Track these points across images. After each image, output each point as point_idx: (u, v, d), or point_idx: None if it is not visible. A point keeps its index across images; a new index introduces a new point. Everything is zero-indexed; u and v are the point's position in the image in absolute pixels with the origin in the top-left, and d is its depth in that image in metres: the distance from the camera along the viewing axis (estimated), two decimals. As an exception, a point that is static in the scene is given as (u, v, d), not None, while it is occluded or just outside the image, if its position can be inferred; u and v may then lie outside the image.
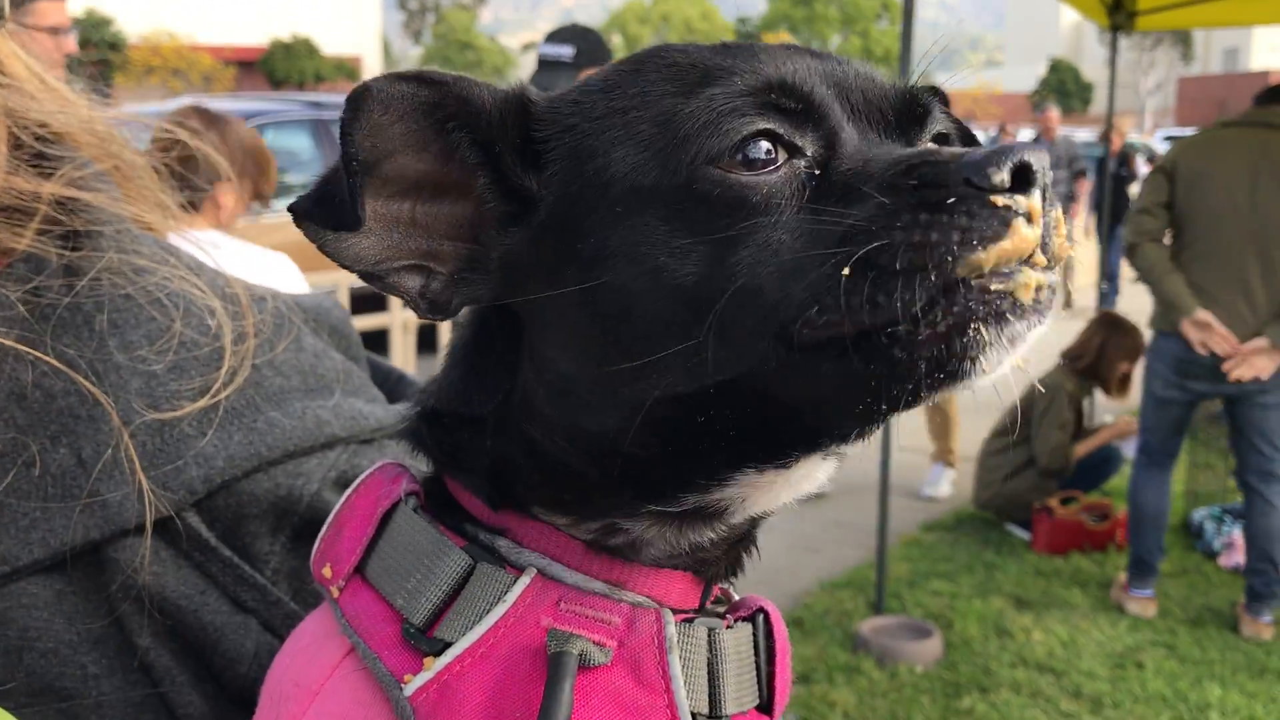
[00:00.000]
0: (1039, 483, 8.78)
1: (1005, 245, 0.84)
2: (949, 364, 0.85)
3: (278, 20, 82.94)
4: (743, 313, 0.90)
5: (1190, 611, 7.53)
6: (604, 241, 0.96)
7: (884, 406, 0.88)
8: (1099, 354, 9.04)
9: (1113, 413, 9.97)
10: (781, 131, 0.95)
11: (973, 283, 0.84)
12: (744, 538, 1.13)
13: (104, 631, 1.22)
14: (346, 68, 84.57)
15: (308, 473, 1.32)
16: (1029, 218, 0.85)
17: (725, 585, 1.17)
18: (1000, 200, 0.85)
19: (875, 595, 7.37)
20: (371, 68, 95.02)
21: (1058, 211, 0.89)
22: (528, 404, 1.05)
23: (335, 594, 1.10)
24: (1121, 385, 9.19)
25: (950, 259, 0.84)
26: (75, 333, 1.25)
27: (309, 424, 1.33)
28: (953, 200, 0.85)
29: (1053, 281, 0.88)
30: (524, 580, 1.02)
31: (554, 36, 6.63)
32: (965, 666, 6.71)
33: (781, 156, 0.95)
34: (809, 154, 0.96)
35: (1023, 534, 8.75)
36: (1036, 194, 0.86)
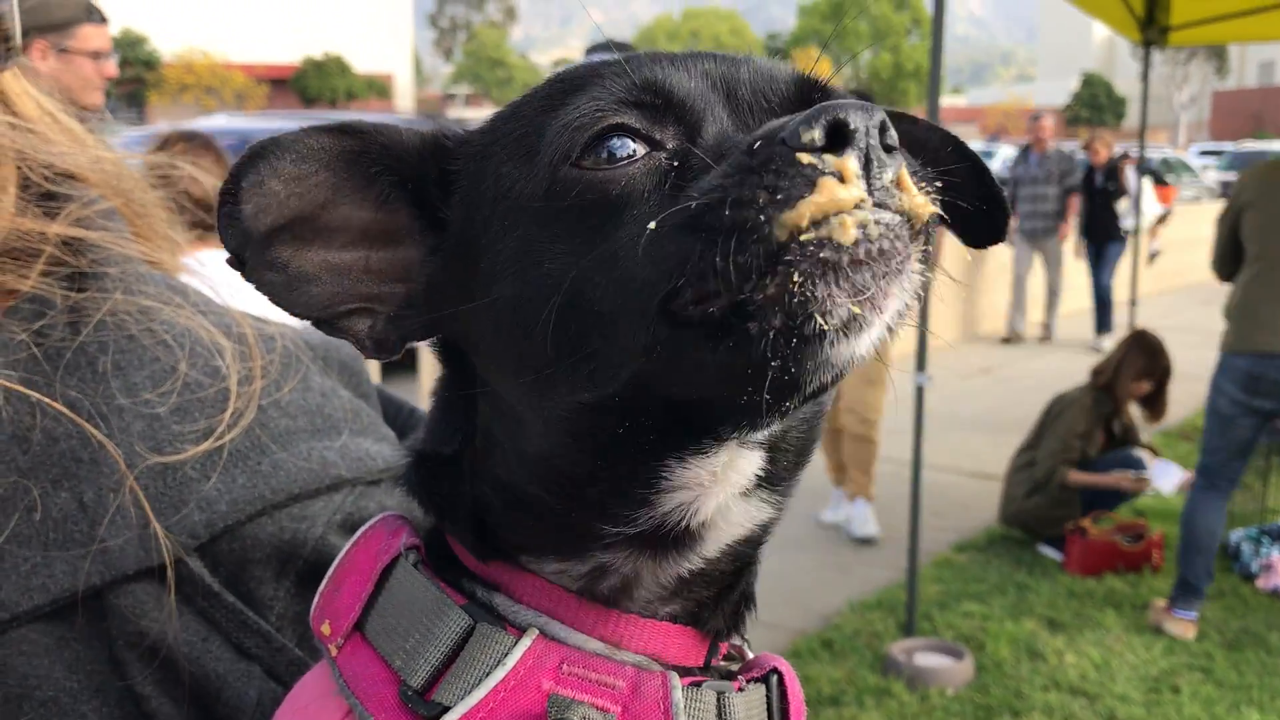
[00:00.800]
0: (1058, 497, 8.69)
1: (816, 201, 0.81)
2: (796, 326, 0.82)
3: (310, 38, 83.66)
4: (621, 304, 0.89)
5: (1227, 634, 7.42)
6: (497, 257, 0.99)
7: (770, 391, 0.86)
8: (1115, 371, 8.98)
9: (1148, 428, 9.86)
10: (639, 126, 0.95)
11: (792, 242, 0.82)
12: (733, 582, 1.09)
13: (105, 680, 1.19)
14: (378, 85, 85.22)
15: (313, 516, 1.30)
16: (841, 177, 0.82)
17: (739, 644, 1.14)
18: (806, 158, 0.82)
19: (906, 616, 7.30)
20: (403, 85, 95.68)
21: (901, 169, 0.86)
22: (488, 437, 1.06)
23: (334, 652, 1.07)
24: (1153, 407, 9.10)
25: (764, 218, 0.82)
26: (78, 375, 1.23)
27: (314, 465, 1.31)
28: (769, 161, 0.84)
29: (889, 221, 0.84)
30: (525, 642, 0.99)
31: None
32: (997, 689, 6.62)
33: (642, 150, 0.94)
34: (670, 146, 0.95)
35: (1055, 555, 8.65)
36: (851, 154, 0.83)
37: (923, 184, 0.88)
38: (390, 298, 1.08)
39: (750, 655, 1.15)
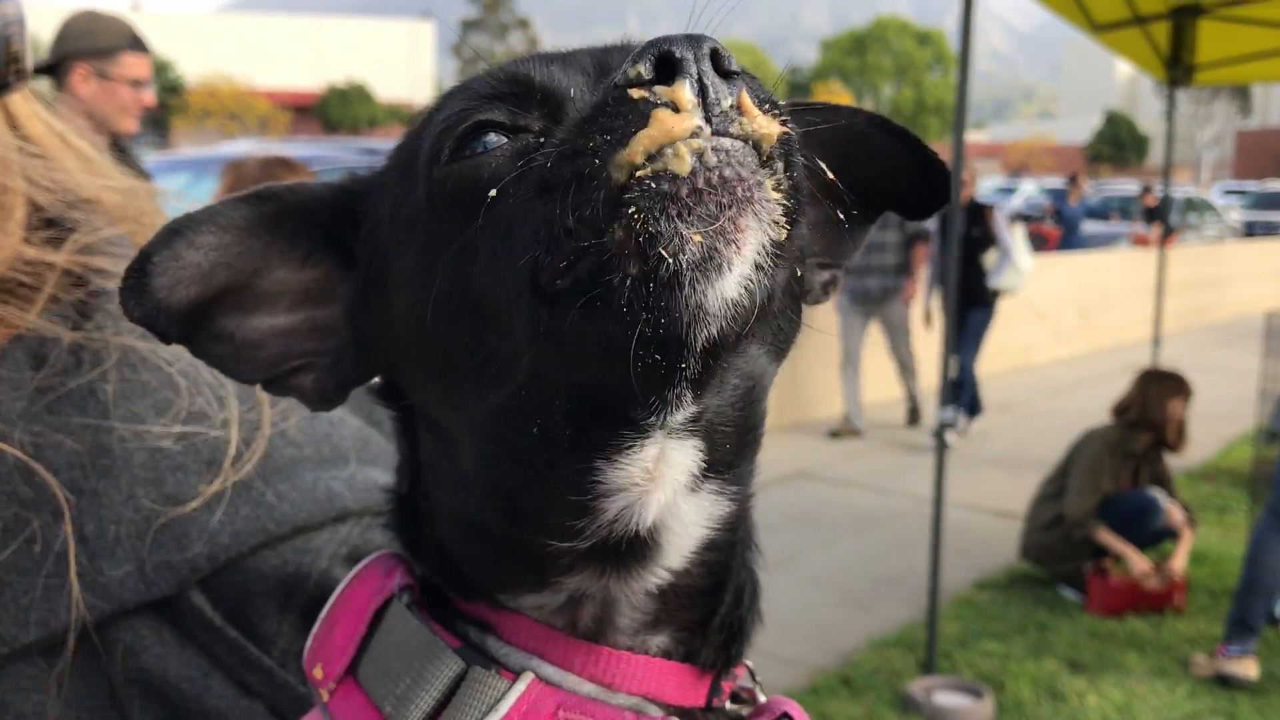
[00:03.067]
0: (1072, 534, 8.61)
1: (649, 133, 0.78)
2: (652, 268, 0.78)
3: (333, 66, 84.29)
4: (498, 290, 0.86)
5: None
6: (397, 274, 0.99)
7: (656, 354, 0.81)
8: (1145, 402, 8.87)
9: (1171, 469, 9.79)
10: (503, 119, 0.94)
11: (633, 182, 0.78)
12: (714, 605, 1.03)
13: (104, 717, 1.17)
14: (400, 113, 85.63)
15: (317, 548, 1.27)
16: (675, 107, 0.79)
17: (750, 686, 1.10)
18: (637, 93, 0.80)
19: (926, 654, 7.22)
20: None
21: (741, 93, 0.82)
22: (432, 468, 1.04)
23: (325, 698, 1.03)
24: (1178, 434, 9.01)
25: (599, 160, 0.79)
26: (80, 405, 1.22)
27: (320, 497, 1.28)
28: (602, 106, 0.82)
29: (729, 147, 0.79)
30: (519, 687, 0.95)
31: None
32: (1017, 731, 6.54)
33: (509, 139, 0.93)
34: (536, 128, 0.93)
35: (1075, 595, 8.57)
36: (684, 82, 0.80)
37: (768, 106, 0.84)
38: (330, 350, 1.09)
39: (763, 698, 1.10)
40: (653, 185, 0.77)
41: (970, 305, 13.25)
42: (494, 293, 0.86)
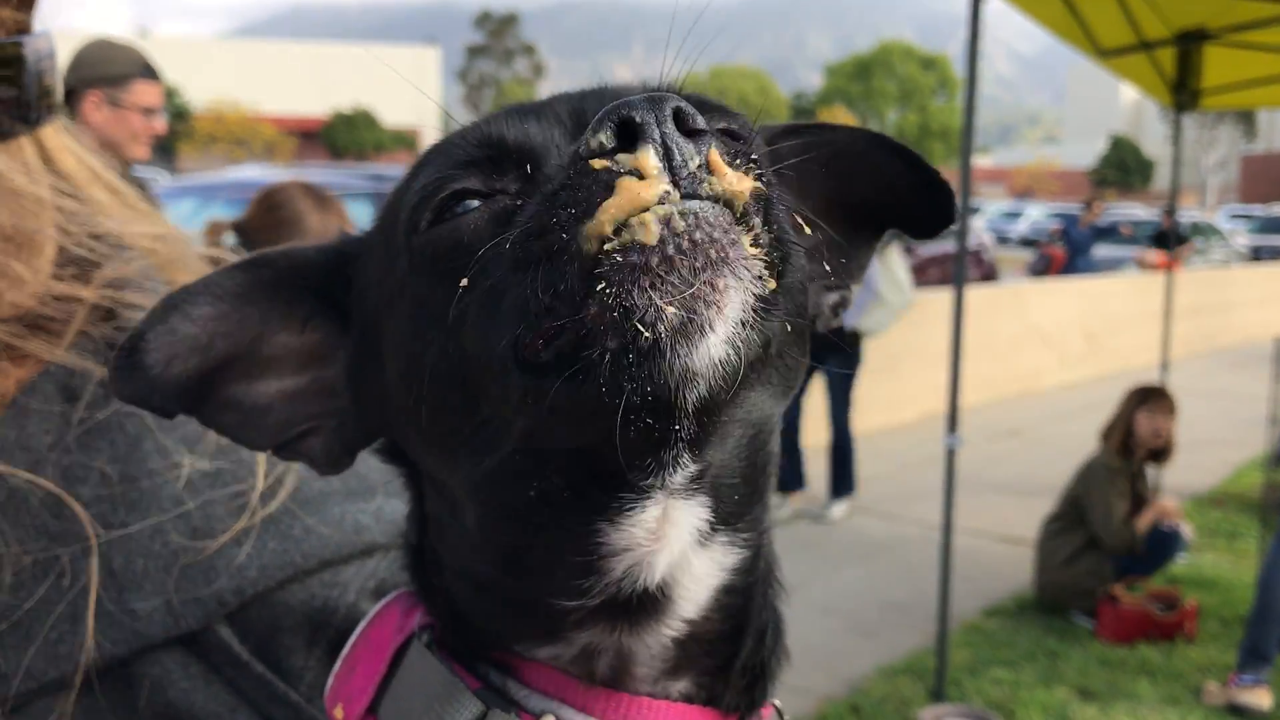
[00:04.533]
0: (1098, 566, 8.58)
1: (616, 203, 0.76)
2: (630, 341, 0.76)
3: (339, 91, 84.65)
4: (482, 361, 0.85)
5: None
6: (387, 341, 0.99)
7: (648, 419, 0.79)
8: (1131, 423, 8.89)
9: (1179, 494, 9.74)
10: (478, 185, 0.92)
11: (601, 253, 0.76)
12: (736, 649, 1.02)
13: None
14: (406, 139, 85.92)
15: (345, 582, 1.26)
16: (640, 174, 0.77)
17: None
18: (599, 163, 0.78)
19: (935, 682, 7.19)
20: (431, 140, 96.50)
21: (710, 152, 0.80)
22: (438, 523, 1.03)
23: None
24: (1167, 448, 9.00)
25: (567, 236, 0.77)
26: (109, 439, 1.22)
27: (348, 530, 1.28)
28: (567, 179, 0.80)
29: (698, 209, 0.77)
30: None
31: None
32: (1029, 760, 6.49)
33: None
34: (512, 190, 0.92)
35: (1086, 622, 8.53)
36: (647, 149, 0.78)
37: (738, 162, 0.82)
38: (333, 412, 1.09)
39: None
40: (621, 258, 0.75)
41: (823, 350, 12.30)
42: (480, 361, 0.85)
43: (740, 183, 0.80)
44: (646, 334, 0.75)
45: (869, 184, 1.10)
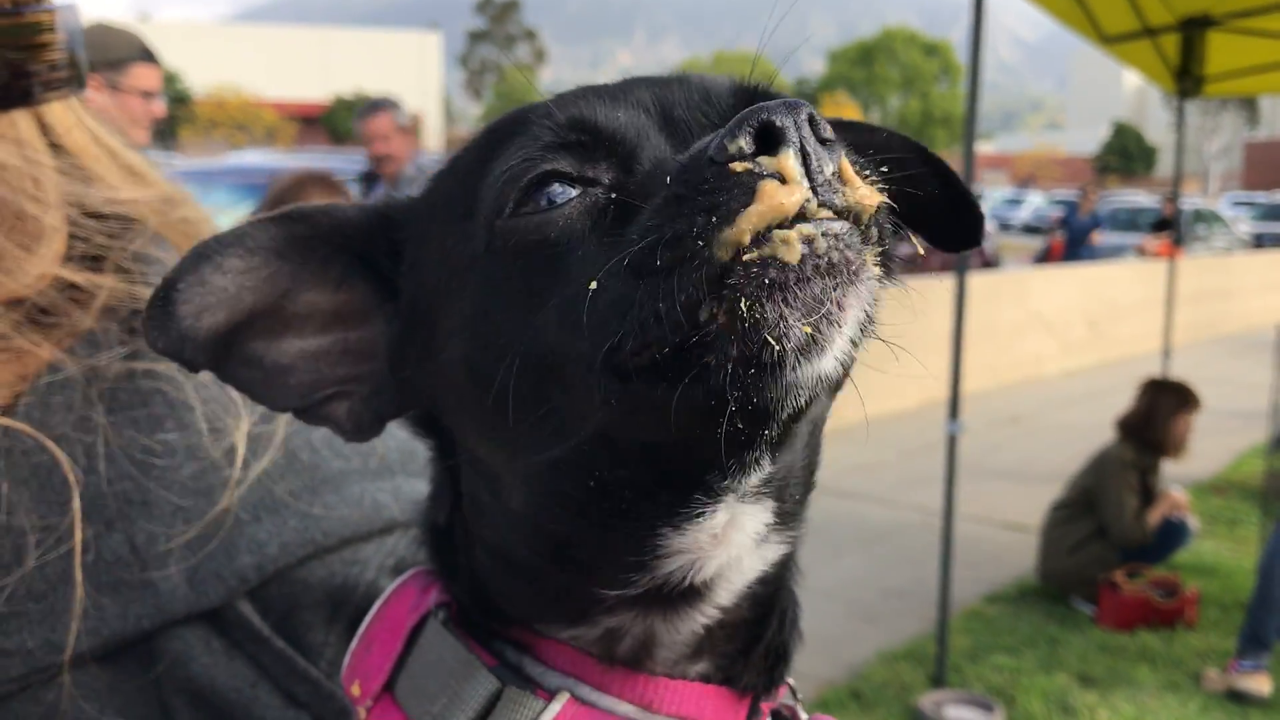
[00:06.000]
0: (1103, 555, 8.57)
1: (757, 210, 0.76)
2: (755, 353, 0.77)
3: (340, 77, 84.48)
4: (569, 359, 0.84)
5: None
6: (449, 319, 0.97)
7: (741, 424, 0.80)
8: (1149, 415, 8.84)
9: (1180, 482, 9.74)
10: (569, 169, 0.91)
11: (735, 263, 0.76)
12: (759, 632, 1.03)
13: None
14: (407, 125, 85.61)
15: (364, 560, 1.28)
16: (782, 178, 0.77)
17: (792, 704, 1.09)
18: (740, 167, 0.77)
19: (936, 668, 7.20)
20: (432, 125, 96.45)
21: (841, 161, 0.80)
22: (474, 502, 1.03)
23: (363, 715, 1.04)
24: (1181, 446, 8.97)
25: (703, 243, 0.76)
26: (132, 419, 1.23)
27: (367, 508, 1.29)
28: (701, 182, 0.79)
29: (838, 231, 0.78)
30: (555, 706, 0.95)
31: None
32: (1029, 745, 6.50)
33: (576, 192, 0.90)
34: (605, 181, 0.91)
35: (1087, 609, 8.53)
36: (788, 151, 0.78)
37: (867, 173, 0.83)
38: (364, 377, 1.07)
39: (804, 717, 1.10)
40: (760, 272, 0.76)
41: None
42: (562, 354, 0.85)
43: (870, 196, 0.81)
44: (774, 347, 0.76)
45: (904, 189, 1.11)
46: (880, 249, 0.83)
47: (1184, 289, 14.86)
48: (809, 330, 0.77)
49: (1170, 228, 17.13)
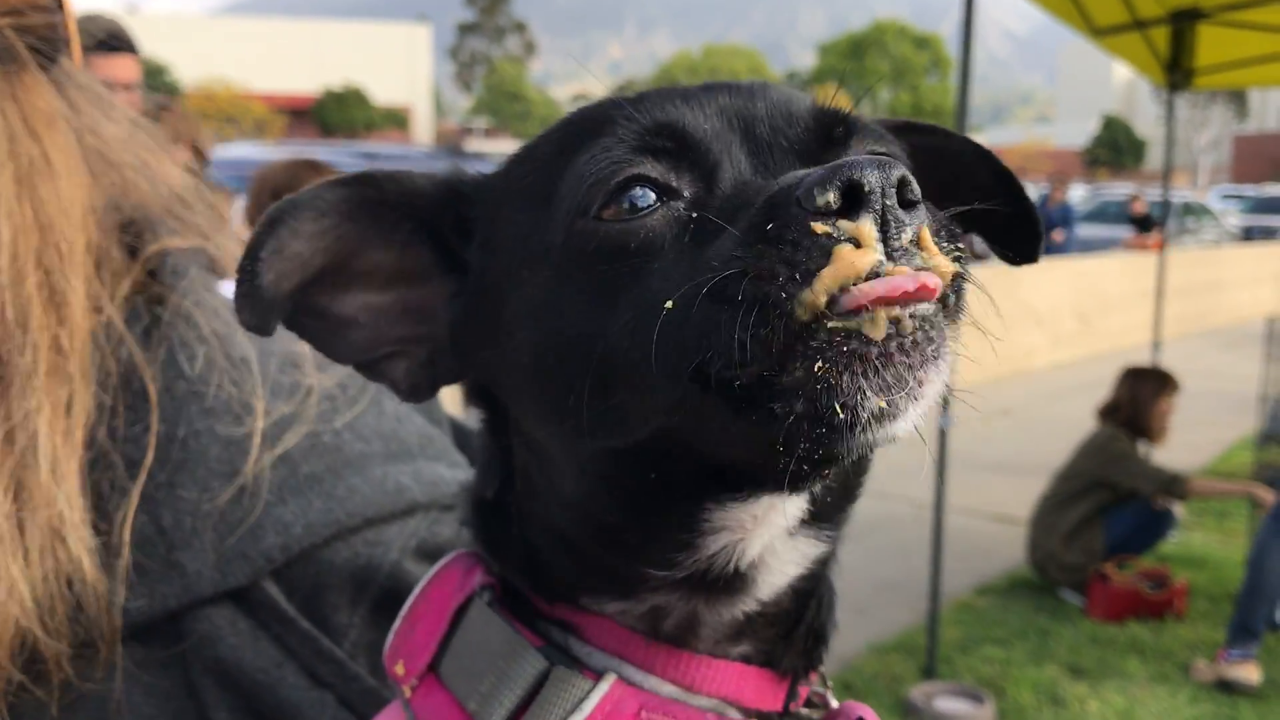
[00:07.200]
0: (1093, 545, 8.58)
1: (832, 272, 0.77)
2: (821, 414, 0.79)
3: (330, 69, 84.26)
4: (648, 363, 0.85)
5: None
6: (518, 304, 0.98)
7: (804, 465, 0.82)
8: (1133, 402, 8.88)
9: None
10: (655, 175, 0.92)
11: (817, 324, 0.78)
12: (799, 618, 1.06)
13: (181, 705, 1.19)
14: (397, 117, 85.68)
15: (387, 541, 1.29)
16: (857, 242, 0.79)
17: (822, 690, 1.11)
18: (820, 227, 0.79)
19: (926, 659, 7.23)
20: (422, 117, 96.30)
21: (922, 228, 0.81)
22: (526, 479, 1.05)
23: (408, 694, 1.05)
24: (1162, 430, 9.01)
25: (785, 295, 0.78)
26: (157, 399, 1.24)
27: (389, 490, 1.31)
28: (785, 229, 0.80)
29: (925, 313, 0.80)
30: (602, 687, 0.97)
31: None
32: (1020, 735, 6.52)
33: (658, 200, 0.92)
34: (687, 194, 0.92)
35: (1076, 600, 8.56)
36: (867, 217, 0.79)
37: (945, 241, 0.84)
38: (423, 339, 1.09)
39: (834, 703, 1.11)
40: (842, 342, 0.77)
41: None
42: (637, 361, 0.86)
43: (947, 265, 0.82)
44: (845, 416, 0.78)
45: (968, 194, 1.10)
46: (957, 318, 0.84)
47: (1173, 282, 14.84)
48: (885, 404, 0.79)
49: (1150, 225, 17.09)
